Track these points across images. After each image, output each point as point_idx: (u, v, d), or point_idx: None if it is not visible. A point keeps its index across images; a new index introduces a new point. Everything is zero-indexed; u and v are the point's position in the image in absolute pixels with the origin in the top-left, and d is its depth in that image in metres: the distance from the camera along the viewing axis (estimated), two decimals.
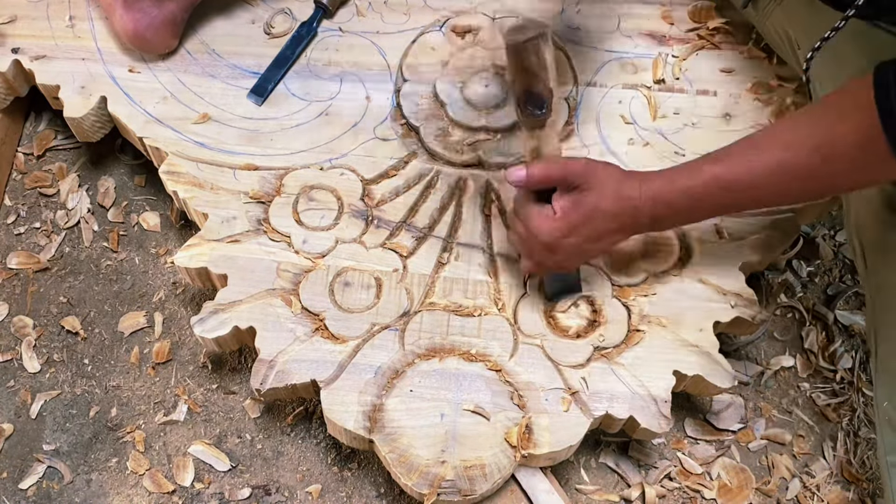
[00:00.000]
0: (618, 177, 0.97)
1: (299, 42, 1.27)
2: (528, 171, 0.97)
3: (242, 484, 1.14)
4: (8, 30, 1.27)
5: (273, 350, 1.06)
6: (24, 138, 1.39)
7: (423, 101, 1.22)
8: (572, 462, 1.15)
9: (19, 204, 1.34)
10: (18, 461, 1.16)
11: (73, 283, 1.28)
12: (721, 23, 1.27)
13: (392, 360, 1.06)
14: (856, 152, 0.85)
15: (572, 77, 1.24)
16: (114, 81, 1.24)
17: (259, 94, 1.23)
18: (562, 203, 0.97)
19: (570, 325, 1.08)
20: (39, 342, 1.24)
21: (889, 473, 0.97)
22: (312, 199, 1.15)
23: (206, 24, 1.29)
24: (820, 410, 1.20)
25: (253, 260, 1.11)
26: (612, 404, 1.03)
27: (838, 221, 1.33)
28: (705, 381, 1.06)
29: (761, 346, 1.25)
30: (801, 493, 1.14)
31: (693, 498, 1.14)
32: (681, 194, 0.95)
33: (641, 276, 1.10)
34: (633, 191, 0.96)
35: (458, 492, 1.00)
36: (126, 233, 1.32)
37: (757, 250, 1.12)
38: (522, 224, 1.00)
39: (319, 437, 1.17)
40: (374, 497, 1.14)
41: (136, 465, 1.15)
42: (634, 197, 0.96)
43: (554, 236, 0.97)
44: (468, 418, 1.03)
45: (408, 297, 1.10)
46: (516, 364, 1.06)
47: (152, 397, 1.20)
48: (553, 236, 0.97)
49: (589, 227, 0.97)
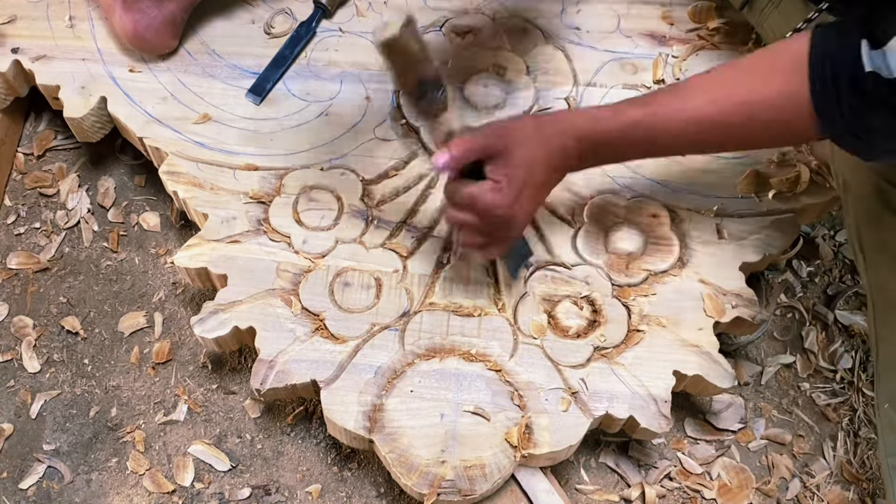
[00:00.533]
0: (535, 122, 0.97)
1: (298, 42, 1.27)
2: (451, 151, 0.94)
3: (242, 484, 1.14)
4: (8, 30, 1.27)
5: (273, 350, 1.06)
6: (24, 138, 1.39)
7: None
8: (572, 462, 1.15)
9: (19, 204, 1.34)
10: (18, 461, 1.16)
11: (73, 283, 1.28)
12: (721, 23, 1.27)
13: (392, 360, 1.06)
14: (778, 114, 0.86)
15: (572, 77, 1.24)
16: (114, 81, 1.24)
17: (257, 94, 1.23)
18: (500, 171, 0.94)
19: (571, 325, 1.08)
20: (39, 342, 1.24)
21: (890, 475, 0.97)
22: (312, 200, 1.15)
23: (206, 24, 1.29)
24: (820, 410, 1.20)
25: (253, 260, 1.11)
26: (612, 404, 1.03)
27: (838, 221, 1.33)
28: (705, 381, 1.06)
29: (761, 346, 1.25)
30: (801, 493, 1.14)
31: (693, 498, 1.14)
32: (604, 134, 0.94)
33: (641, 276, 1.10)
34: (554, 130, 0.95)
35: (458, 492, 1.00)
36: (126, 233, 1.32)
37: (757, 250, 1.12)
38: (470, 210, 0.97)
39: (319, 437, 1.17)
40: (374, 497, 1.14)
41: (136, 465, 1.15)
42: (557, 136, 0.95)
43: (507, 204, 0.95)
44: (468, 418, 1.03)
45: (408, 298, 1.10)
46: (516, 364, 1.06)
47: (152, 397, 1.20)
48: (507, 205, 0.95)
49: (531, 181, 0.96)
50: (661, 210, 1.14)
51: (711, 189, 1.15)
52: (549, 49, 1.26)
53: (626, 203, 1.14)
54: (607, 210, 1.14)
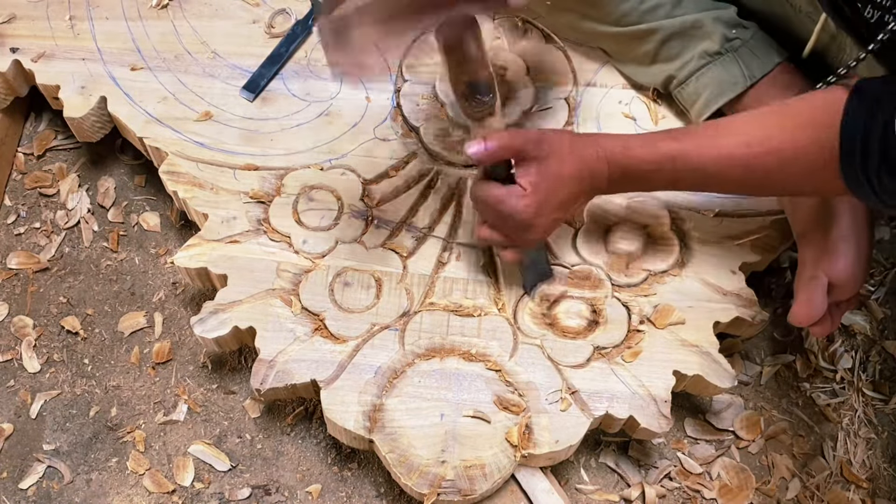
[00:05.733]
0: (571, 138, 0.97)
1: (294, 39, 1.27)
2: (486, 143, 0.94)
3: (242, 484, 1.15)
4: (8, 30, 1.27)
5: (273, 350, 1.06)
6: (24, 138, 1.39)
7: (423, 101, 1.22)
8: (572, 462, 1.16)
9: (19, 204, 1.34)
10: (18, 461, 1.16)
11: (73, 283, 1.28)
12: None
13: (392, 360, 1.06)
14: (809, 167, 0.85)
15: (572, 77, 1.24)
16: (114, 81, 1.24)
17: (251, 91, 1.23)
18: (528, 178, 0.95)
19: (571, 325, 1.08)
20: (39, 342, 1.24)
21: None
22: (312, 200, 1.15)
23: (206, 24, 1.29)
24: (820, 410, 1.20)
25: (253, 260, 1.11)
26: (612, 404, 1.04)
27: None
28: (705, 381, 1.06)
29: (761, 345, 1.25)
30: (801, 493, 1.14)
31: (693, 498, 1.14)
32: (635, 162, 0.95)
33: (641, 276, 1.11)
34: (589, 151, 0.95)
35: (458, 492, 1.00)
36: (126, 233, 1.32)
37: (757, 250, 1.12)
38: (493, 210, 0.98)
39: (319, 437, 1.17)
40: (374, 497, 1.14)
41: (136, 465, 1.15)
42: (592, 157, 0.95)
43: (529, 213, 0.95)
44: (468, 418, 1.03)
45: (408, 297, 1.10)
46: (516, 364, 1.06)
47: (152, 397, 1.20)
48: (528, 213, 0.95)
49: (557, 195, 0.96)
50: (661, 210, 1.14)
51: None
52: (549, 49, 1.26)
53: (626, 203, 1.14)
54: (607, 210, 1.14)
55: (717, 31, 1.09)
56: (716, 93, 1.10)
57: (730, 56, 1.09)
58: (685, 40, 1.11)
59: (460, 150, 1.18)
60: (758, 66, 1.08)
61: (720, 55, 1.09)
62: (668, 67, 1.13)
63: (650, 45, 1.13)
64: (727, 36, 1.09)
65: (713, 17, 1.10)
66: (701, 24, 1.10)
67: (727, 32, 1.09)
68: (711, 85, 1.10)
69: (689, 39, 1.11)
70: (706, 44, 1.09)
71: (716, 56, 1.09)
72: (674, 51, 1.12)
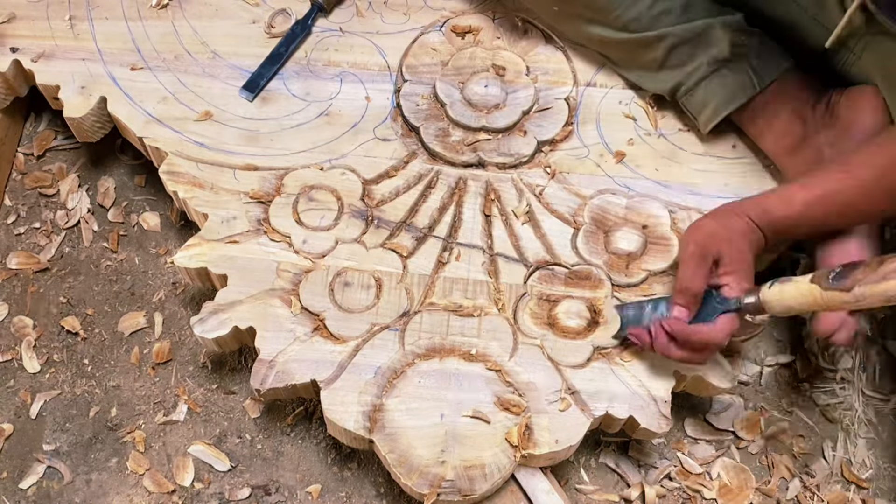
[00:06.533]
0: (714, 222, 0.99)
1: (293, 39, 1.27)
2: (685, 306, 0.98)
3: (242, 484, 1.15)
4: (7, 29, 1.27)
5: (273, 350, 1.06)
6: (24, 138, 1.39)
7: (423, 101, 1.22)
8: (572, 462, 1.16)
9: (19, 204, 1.34)
10: (18, 461, 1.16)
11: (73, 283, 1.28)
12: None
13: (392, 360, 1.06)
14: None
15: (572, 77, 1.24)
16: (114, 81, 1.24)
17: (250, 90, 1.23)
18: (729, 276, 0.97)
19: (571, 325, 1.08)
20: (39, 342, 1.24)
21: None
22: (312, 200, 1.15)
23: (206, 24, 1.29)
24: (820, 410, 1.20)
25: (253, 260, 1.11)
26: (612, 404, 1.04)
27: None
28: (705, 381, 1.06)
29: (761, 345, 1.25)
30: (801, 493, 1.14)
31: (693, 498, 1.14)
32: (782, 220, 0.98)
33: (641, 276, 1.10)
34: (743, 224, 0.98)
35: (458, 492, 1.00)
36: (126, 233, 1.32)
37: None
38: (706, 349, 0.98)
39: (319, 437, 1.17)
40: (374, 497, 1.14)
41: (136, 465, 1.15)
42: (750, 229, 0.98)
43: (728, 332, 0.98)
44: (468, 418, 1.03)
45: (408, 297, 1.10)
46: (516, 364, 1.06)
47: (152, 397, 1.20)
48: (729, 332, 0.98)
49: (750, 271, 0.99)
50: (661, 210, 1.14)
51: (711, 189, 1.15)
52: (549, 49, 1.26)
53: (626, 203, 1.14)
54: (607, 210, 1.14)
55: (725, 38, 1.09)
56: (725, 99, 1.10)
57: (738, 62, 1.09)
58: (694, 47, 1.11)
59: (460, 150, 1.18)
60: (766, 71, 1.09)
61: (729, 62, 1.09)
62: (676, 74, 1.13)
63: (658, 51, 1.13)
64: (735, 42, 1.09)
65: (722, 23, 1.10)
66: (710, 31, 1.10)
67: (735, 39, 1.09)
68: (721, 91, 1.10)
69: (697, 46, 1.11)
70: (715, 50, 1.09)
71: (725, 63, 1.10)
72: (682, 57, 1.12)
